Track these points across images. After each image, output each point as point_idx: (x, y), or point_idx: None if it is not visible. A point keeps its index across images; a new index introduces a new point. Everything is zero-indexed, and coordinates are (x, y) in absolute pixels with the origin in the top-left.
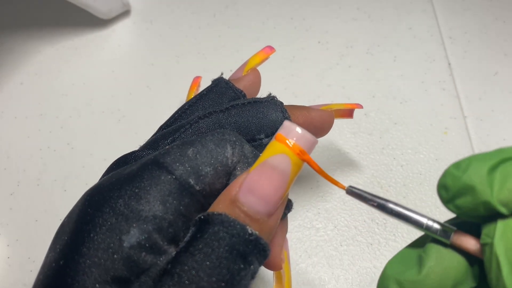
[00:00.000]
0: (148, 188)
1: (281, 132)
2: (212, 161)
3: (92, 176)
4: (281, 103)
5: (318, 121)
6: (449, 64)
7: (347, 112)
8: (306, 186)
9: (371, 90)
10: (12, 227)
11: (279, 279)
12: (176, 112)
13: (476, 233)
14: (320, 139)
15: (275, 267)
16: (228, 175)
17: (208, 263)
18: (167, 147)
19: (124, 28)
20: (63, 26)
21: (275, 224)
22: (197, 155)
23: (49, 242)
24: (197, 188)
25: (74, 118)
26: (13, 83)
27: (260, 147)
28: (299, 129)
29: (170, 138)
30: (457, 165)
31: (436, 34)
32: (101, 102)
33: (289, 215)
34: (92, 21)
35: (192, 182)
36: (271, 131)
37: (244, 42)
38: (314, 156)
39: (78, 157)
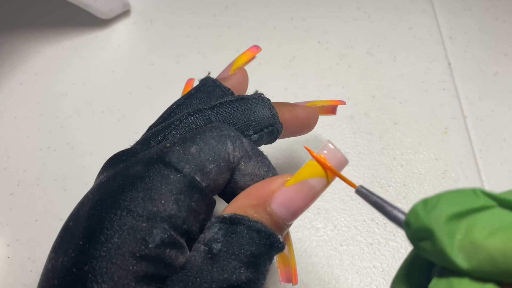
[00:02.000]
0: (160, 188)
1: (325, 156)
2: (215, 158)
3: (92, 176)
4: (268, 99)
5: (303, 117)
6: (449, 64)
7: (330, 109)
8: None
9: (371, 90)
10: (12, 227)
11: (284, 259)
12: (165, 112)
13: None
14: (321, 139)
15: None
16: (230, 170)
17: (243, 264)
18: (167, 144)
19: (124, 28)
20: (63, 26)
21: (290, 226)
22: (200, 153)
23: (49, 242)
24: (204, 184)
25: (74, 118)
26: (13, 83)
27: None
28: (341, 155)
29: (161, 136)
30: (424, 202)
31: (436, 34)
32: (101, 102)
33: None
34: (92, 21)
35: (198, 179)
36: (259, 128)
37: (244, 42)
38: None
39: (78, 157)
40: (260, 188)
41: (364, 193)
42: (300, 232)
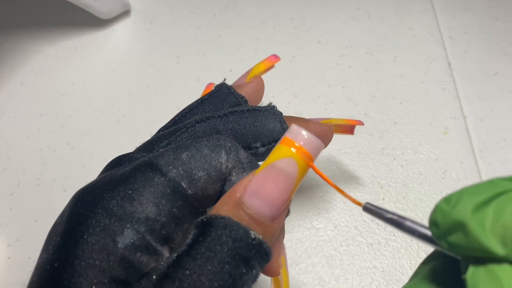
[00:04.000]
0: (141, 189)
1: (288, 135)
2: (205, 166)
3: (92, 176)
4: (280, 113)
5: (317, 134)
6: (449, 64)
7: (348, 128)
8: (306, 186)
9: (371, 90)
10: (12, 227)
11: (277, 285)
12: (176, 116)
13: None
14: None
15: (273, 273)
16: (221, 181)
17: (210, 267)
18: (161, 150)
19: (124, 28)
20: (63, 26)
21: (278, 228)
22: (191, 159)
23: None
24: (190, 192)
25: (74, 118)
26: (13, 83)
27: (255, 156)
28: (305, 133)
29: (166, 141)
30: (447, 200)
31: (436, 34)
32: (101, 102)
33: (289, 215)
34: (92, 21)
35: (184, 185)
36: (267, 140)
37: (244, 42)
38: None
39: (78, 157)
40: (234, 186)
41: (372, 210)
42: (300, 232)
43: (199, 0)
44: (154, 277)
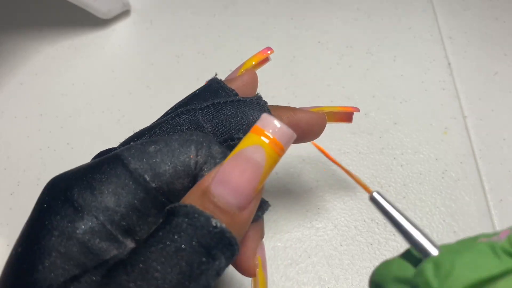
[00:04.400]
0: (104, 180)
1: (258, 124)
2: (172, 160)
3: None
4: (265, 102)
5: (305, 123)
6: (449, 64)
7: (345, 116)
8: (306, 186)
9: (371, 90)
10: (12, 227)
11: (254, 285)
12: (166, 112)
13: None
14: (321, 139)
15: (247, 271)
16: (190, 176)
17: (166, 254)
18: (132, 143)
19: (124, 28)
20: (63, 26)
21: (248, 219)
22: (158, 153)
23: None
24: (153, 185)
25: (74, 118)
26: (13, 83)
27: None
28: (276, 122)
29: (146, 136)
30: (436, 266)
31: (436, 34)
32: (101, 102)
33: (289, 215)
34: (92, 21)
35: (148, 178)
36: None
37: (244, 42)
38: (314, 156)
39: (78, 157)
40: (204, 177)
41: (378, 203)
42: (300, 232)
43: (199, 0)
44: (111, 264)
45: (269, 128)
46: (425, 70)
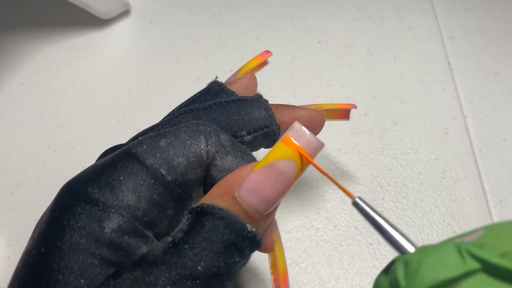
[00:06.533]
0: (121, 178)
1: (290, 135)
2: (184, 152)
3: None
4: (266, 101)
5: (305, 120)
6: (449, 64)
7: (343, 113)
8: (306, 186)
9: (371, 90)
10: (12, 227)
11: (273, 258)
12: (168, 115)
13: None
14: (321, 139)
15: (267, 249)
16: (203, 166)
17: (206, 256)
18: (140, 138)
19: (124, 28)
20: (63, 26)
21: (269, 220)
22: (169, 146)
23: None
24: (170, 178)
25: (74, 118)
26: (13, 83)
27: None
28: (309, 134)
29: (150, 134)
30: (406, 265)
31: (436, 34)
32: (101, 102)
33: (289, 215)
34: (92, 21)
35: (164, 172)
36: (253, 128)
37: (244, 42)
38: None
39: (78, 157)
40: (230, 176)
41: (361, 208)
42: (300, 232)
43: (199, 0)
44: (148, 260)
45: (302, 140)
46: (425, 70)
